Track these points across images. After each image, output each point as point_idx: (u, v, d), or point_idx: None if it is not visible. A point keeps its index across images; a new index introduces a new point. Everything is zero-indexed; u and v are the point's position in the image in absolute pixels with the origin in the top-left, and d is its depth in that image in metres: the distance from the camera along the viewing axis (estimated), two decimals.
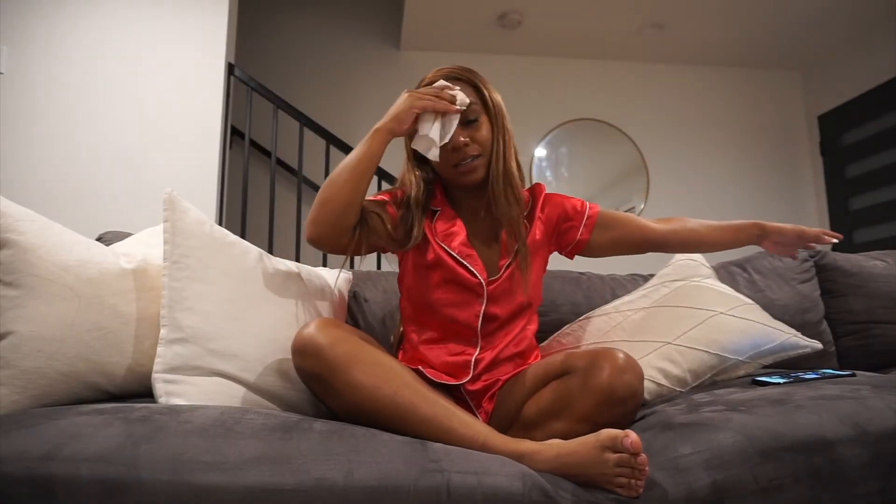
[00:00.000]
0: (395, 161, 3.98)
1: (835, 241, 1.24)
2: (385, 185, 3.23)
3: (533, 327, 1.25)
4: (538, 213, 1.25)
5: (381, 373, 0.93)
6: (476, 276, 1.15)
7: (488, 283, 1.16)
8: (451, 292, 1.16)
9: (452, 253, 1.17)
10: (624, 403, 0.92)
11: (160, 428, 0.74)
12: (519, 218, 1.18)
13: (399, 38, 3.94)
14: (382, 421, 0.90)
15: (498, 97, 1.22)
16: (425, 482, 0.73)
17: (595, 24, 3.70)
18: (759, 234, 1.26)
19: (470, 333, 1.16)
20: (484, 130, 1.18)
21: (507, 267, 1.18)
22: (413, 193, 1.19)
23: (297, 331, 0.97)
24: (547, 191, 1.29)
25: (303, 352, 0.93)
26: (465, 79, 1.21)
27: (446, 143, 1.12)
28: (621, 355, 0.94)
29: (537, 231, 1.23)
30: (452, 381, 1.11)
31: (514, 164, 1.20)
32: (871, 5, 3.47)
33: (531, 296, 1.20)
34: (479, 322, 1.15)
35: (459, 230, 1.19)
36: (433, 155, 1.12)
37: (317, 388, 0.96)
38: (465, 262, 1.16)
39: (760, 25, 3.71)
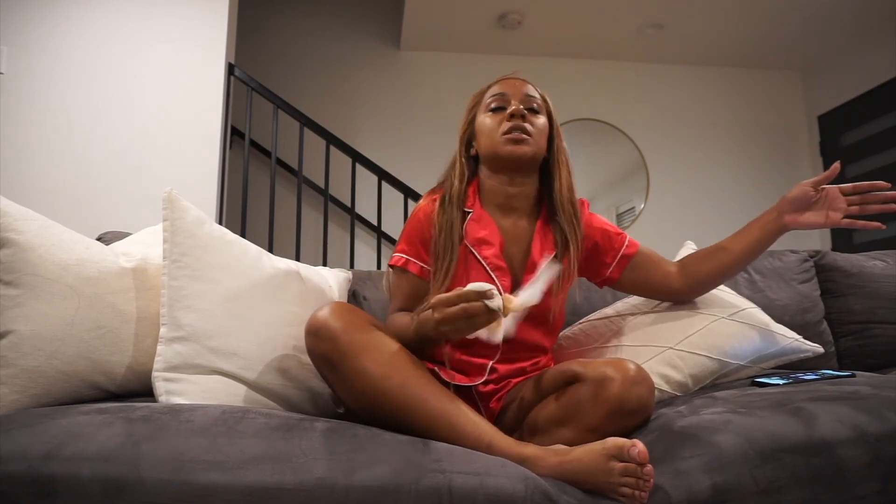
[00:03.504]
0: (393, 161, 3.95)
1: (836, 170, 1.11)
2: (385, 185, 3.23)
3: (553, 339, 1.24)
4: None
5: (392, 362, 0.91)
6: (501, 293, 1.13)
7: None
8: None
9: (483, 263, 1.13)
10: (634, 416, 0.91)
11: (161, 427, 0.74)
12: (578, 241, 1.16)
13: (399, 38, 3.94)
14: (389, 412, 0.88)
15: (560, 127, 1.25)
16: (427, 482, 0.73)
17: (595, 24, 3.70)
18: (776, 218, 1.20)
19: (490, 345, 1.12)
20: (542, 121, 1.19)
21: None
22: (453, 191, 1.17)
23: (311, 314, 0.95)
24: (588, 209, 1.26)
25: (316, 334, 0.92)
26: (528, 82, 1.23)
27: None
28: (633, 367, 0.92)
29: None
30: (466, 382, 1.11)
31: (575, 185, 1.21)
32: (871, 5, 3.48)
33: (556, 319, 1.18)
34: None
35: (494, 238, 1.15)
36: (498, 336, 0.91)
37: (326, 372, 0.94)
38: (494, 275, 1.12)
39: (760, 25, 3.72)
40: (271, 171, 2.88)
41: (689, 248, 1.56)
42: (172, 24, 2.61)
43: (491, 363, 1.13)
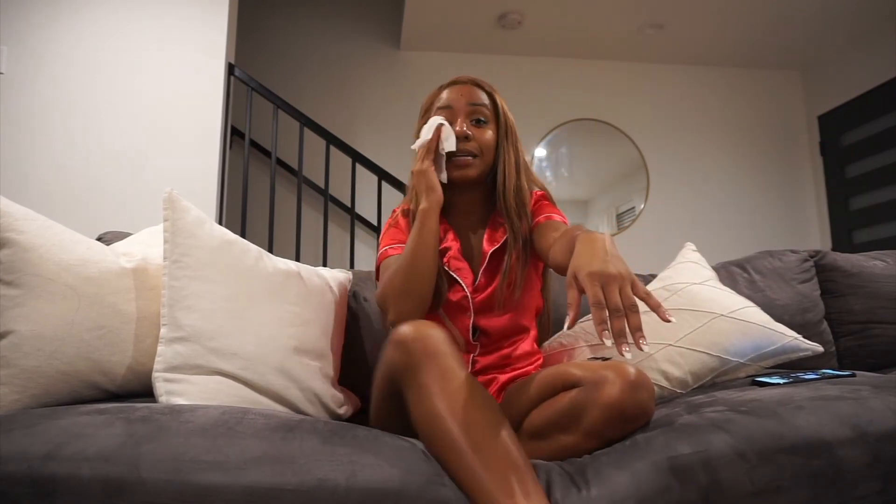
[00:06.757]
0: (393, 161, 3.96)
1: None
2: (385, 185, 3.24)
3: (533, 333, 1.27)
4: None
5: (458, 399, 0.82)
6: (463, 290, 1.17)
7: (474, 295, 1.17)
8: (442, 306, 1.17)
9: (445, 266, 1.18)
10: (635, 420, 0.90)
11: (162, 428, 0.74)
12: (523, 234, 1.19)
13: (399, 38, 3.94)
14: (442, 450, 0.80)
15: (510, 115, 1.24)
16: (432, 494, 0.73)
17: (595, 24, 3.70)
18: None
19: (464, 341, 1.18)
20: (488, 135, 1.20)
21: (491, 279, 1.19)
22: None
23: (396, 327, 0.92)
24: (546, 197, 1.29)
25: (396, 346, 0.89)
26: (477, 84, 1.24)
27: (447, 150, 1.17)
28: (633, 371, 0.91)
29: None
30: None
31: (524, 182, 1.22)
32: (871, 5, 3.48)
33: (525, 306, 1.21)
34: (470, 335, 1.17)
35: (453, 243, 1.21)
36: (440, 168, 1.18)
37: (401, 383, 0.90)
38: (456, 276, 1.17)
39: (760, 25, 3.72)
40: (271, 171, 2.88)
41: (689, 249, 1.56)
42: (172, 25, 2.61)
43: (472, 357, 1.17)
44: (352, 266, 3.04)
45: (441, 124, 1.16)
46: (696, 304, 1.30)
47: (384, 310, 1.10)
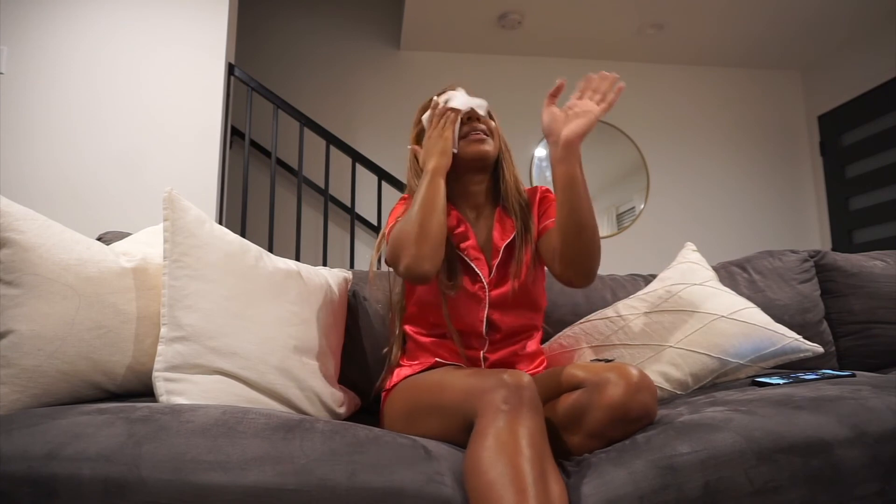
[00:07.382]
0: (393, 161, 3.96)
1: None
2: (385, 185, 3.24)
3: (540, 333, 1.28)
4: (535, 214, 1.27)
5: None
6: (480, 280, 1.17)
7: (490, 287, 1.17)
8: (456, 296, 1.17)
9: (462, 255, 1.19)
10: (638, 422, 0.91)
11: (162, 427, 0.74)
12: (527, 226, 1.22)
13: (399, 38, 3.94)
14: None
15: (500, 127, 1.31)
16: (431, 491, 0.73)
17: (595, 24, 3.70)
18: (553, 156, 1.07)
19: (476, 336, 1.18)
20: (493, 124, 1.26)
21: (505, 271, 1.20)
22: None
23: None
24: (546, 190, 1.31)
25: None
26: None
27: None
28: (635, 372, 0.91)
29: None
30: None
31: (520, 178, 1.28)
32: (871, 6, 3.48)
33: (536, 304, 1.23)
34: (484, 328, 1.17)
35: (468, 233, 1.22)
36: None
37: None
38: (473, 265, 1.18)
39: (760, 25, 3.72)
40: (271, 171, 2.88)
41: (689, 249, 1.56)
42: (172, 25, 2.61)
43: (482, 352, 1.17)
44: (352, 266, 3.05)
45: (446, 94, 1.22)
46: (696, 304, 1.30)
47: (396, 260, 1.06)
